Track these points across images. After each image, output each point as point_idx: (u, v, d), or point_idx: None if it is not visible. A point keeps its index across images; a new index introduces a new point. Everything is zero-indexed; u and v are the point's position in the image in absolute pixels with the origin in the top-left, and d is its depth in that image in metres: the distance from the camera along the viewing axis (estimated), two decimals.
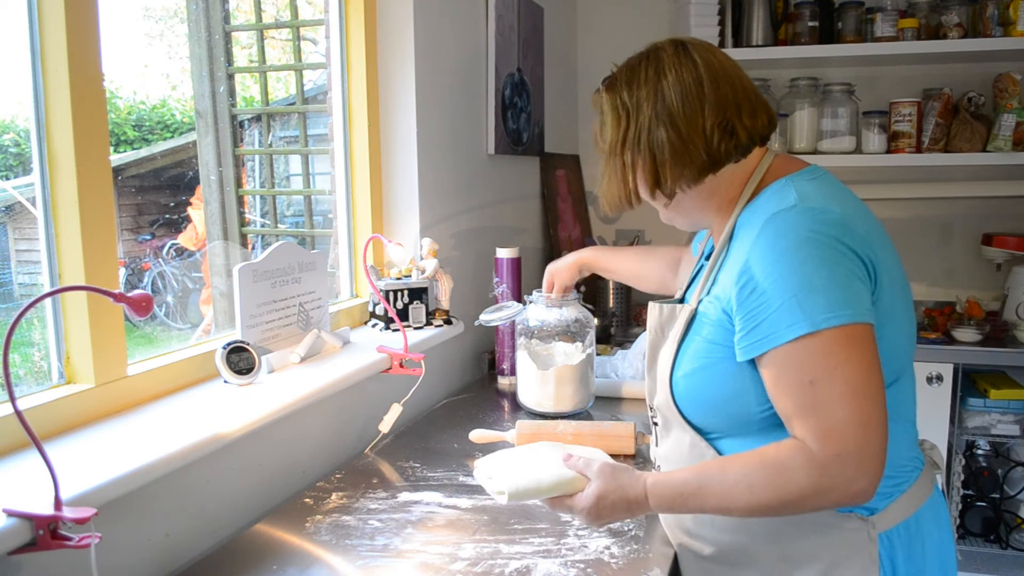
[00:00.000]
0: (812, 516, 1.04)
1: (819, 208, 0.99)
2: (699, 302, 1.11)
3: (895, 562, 1.05)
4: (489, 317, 1.80)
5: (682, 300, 1.25)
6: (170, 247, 2.46)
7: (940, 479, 1.17)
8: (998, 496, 2.71)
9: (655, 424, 1.22)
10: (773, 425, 1.03)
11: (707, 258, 1.22)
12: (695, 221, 1.17)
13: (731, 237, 1.10)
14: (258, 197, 2.37)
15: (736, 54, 2.83)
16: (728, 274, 1.05)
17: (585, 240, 2.99)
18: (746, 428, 1.07)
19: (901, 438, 1.08)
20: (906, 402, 1.10)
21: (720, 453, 1.09)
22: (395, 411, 1.63)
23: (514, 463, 1.14)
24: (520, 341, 1.79)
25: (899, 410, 1.06)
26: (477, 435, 1.58)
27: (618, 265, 1.67)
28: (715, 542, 1.14)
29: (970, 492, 2.72)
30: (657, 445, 1.23)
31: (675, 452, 1.16)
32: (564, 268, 1.70)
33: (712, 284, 1.10)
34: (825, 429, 0.93)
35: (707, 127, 1.06)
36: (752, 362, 1.01)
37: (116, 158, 2.00)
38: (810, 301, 0.94)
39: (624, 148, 1.10)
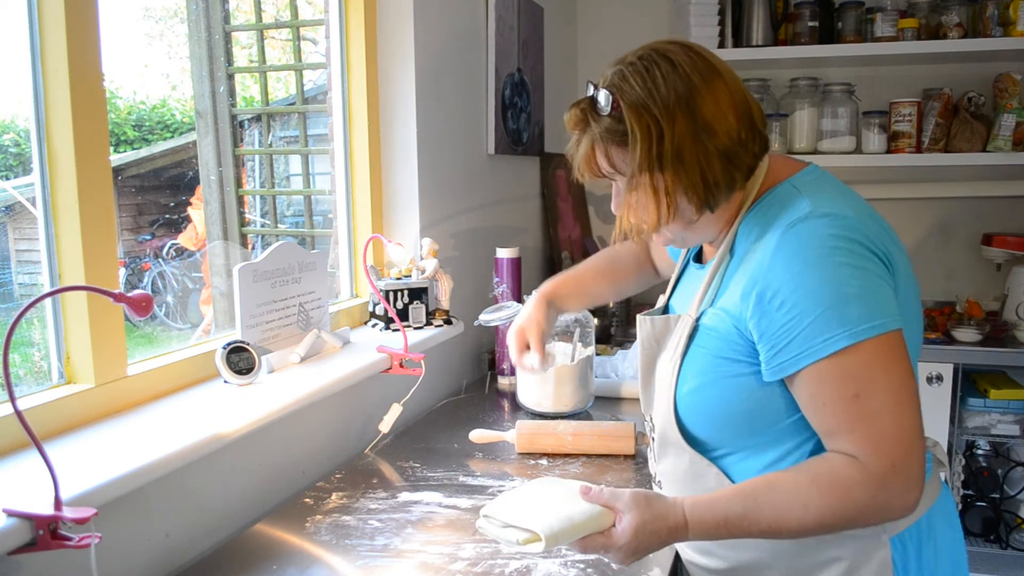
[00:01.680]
0: None
1: (835, 213, 0.96)
2: (700, 313, 1.05)
3: (907, 565, 1.03)
4: (489, 317, 1.80)
5: (667, 307, 1.21)
6: (170, 247, 2.46)
7: (944, 475, 1.15)
8: (998, 496, 2.71)
9: (653, 439, 1.17)
10: (782, 439, 1.01)
11: (696, 261, 1.17)
12: (707, 235, 1.08)
13: (732, 245, 1.05)
14: (258, 197, 2.37)
15: (736, 54, 2.83)
16: (739, 287, 0.99)
17: (584, 240, 2.99)
18: (754, 444, 1.03)
19: None
20: None
21: (724, 471, 1.06)
22: (395, 411, 1.63)
23: (527, 504, 1.00)
24: None
25: None
26: (477, 435, 1.58)
27: (591, 287, 1.48)
28: (726, 558, 1.11)
29: (970, 492, 2.72)
30: (657, 461, 1.17)
31: (674, 470, 1.12)
32: (531, 316, 1.38)
33: (716, 295, 1.04)
34: (876, 442, 0.91)
35: (740, 128, 0.99)
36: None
37: (116, 158, 2.00)
38: (846, 312, 0.91)
39: (661, 166, 0.98)
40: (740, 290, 0.98)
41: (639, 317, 1.16)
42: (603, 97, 1.00)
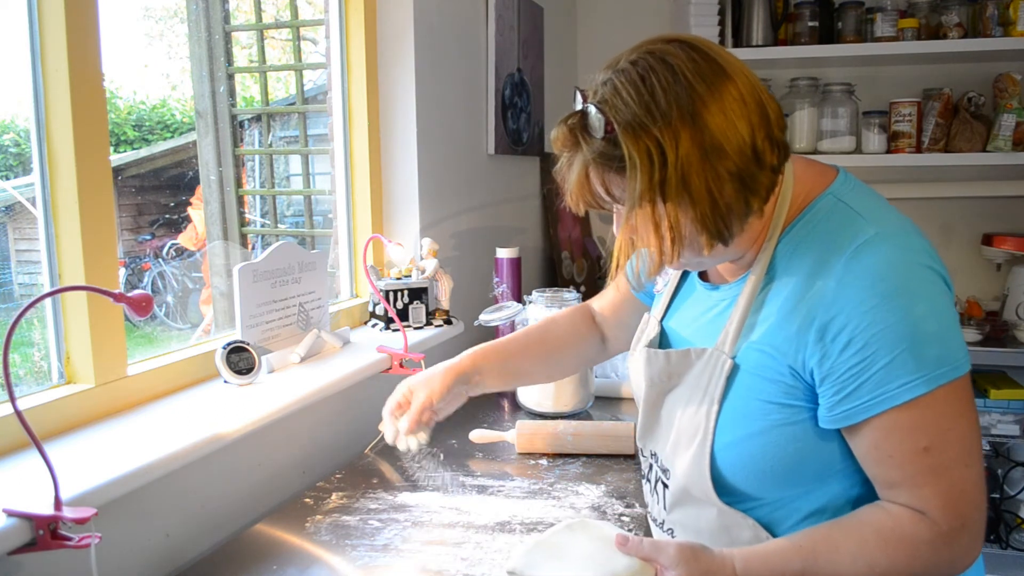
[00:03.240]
0: None
1: (902, 232, 0.87)
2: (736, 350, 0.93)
3: None
4: (489, 317, 1.80)
5: (662, 331, 1.09)
6: (170, 247, 2.46)
7: None
8: (998, 496, 2.71)
9: (664, 486, 1.03)
10: (828, 487, 0.93)
11: (701, 279, 1.05)
12: (728, 257, 0.96)
13: (769, 268, 0.93)
14: (258, 197, 2.38)
15: (736, 54, 2.82)
16: (793, 319, 0.88)
17: (584, 240, 2.99)
18: (797, 494, 0.94)
19: None
20: None
21: (759, 521, 0.96)
22: None
23: (557, 558, 0.92)
24: None
25: None
26: (477, 435, 1.58)
27: (518, 363, 1.26)
28: None
29: None
30: (668, 509, 1.04)
31: (696, 521, 1.01)
32: (429, 378, 1.18)
33: (755, 327, 0.92)
34: (946, 499, 0.84)
35: (755, 138, 0.85)
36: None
37: (116, 158, 2.00)
38: (924, 354, 0.82)
39: (664, 195, 0.84)
40: (796, 323, 0.87)
41: (648, 351, 1.04)
42: (594, 117, 0.86)
